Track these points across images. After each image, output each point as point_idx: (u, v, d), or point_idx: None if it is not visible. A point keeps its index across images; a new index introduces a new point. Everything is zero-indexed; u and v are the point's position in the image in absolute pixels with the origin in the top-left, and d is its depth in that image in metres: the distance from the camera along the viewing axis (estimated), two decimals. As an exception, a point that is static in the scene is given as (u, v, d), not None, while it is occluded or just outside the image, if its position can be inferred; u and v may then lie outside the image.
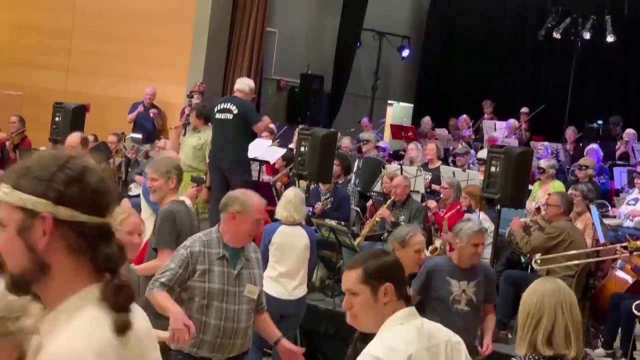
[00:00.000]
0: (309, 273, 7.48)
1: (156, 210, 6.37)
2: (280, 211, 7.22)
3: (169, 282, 4.71)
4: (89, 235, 1.88)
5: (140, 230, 4.52)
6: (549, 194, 9.08)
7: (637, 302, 7.27)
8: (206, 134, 10.34)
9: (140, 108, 13.95)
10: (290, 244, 7.14)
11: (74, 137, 8.39)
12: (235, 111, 9.80)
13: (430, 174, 11.07)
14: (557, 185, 10.19)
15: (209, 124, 10.33)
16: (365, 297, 3.13)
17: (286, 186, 10.53)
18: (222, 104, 10.00)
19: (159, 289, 4.70)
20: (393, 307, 3.14)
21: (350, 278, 3.18)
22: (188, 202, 6.37)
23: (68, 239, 1.87)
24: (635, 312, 7.23)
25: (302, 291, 7.17)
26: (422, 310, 5.44)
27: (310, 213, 9.04)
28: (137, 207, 7.84)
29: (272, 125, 11.71)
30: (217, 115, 9.92)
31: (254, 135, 12.40)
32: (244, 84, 10.17)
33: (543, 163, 10.60)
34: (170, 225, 5.52)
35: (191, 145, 10.24)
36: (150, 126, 13.93)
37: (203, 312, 4.75)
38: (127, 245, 6.55)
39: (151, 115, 13.92)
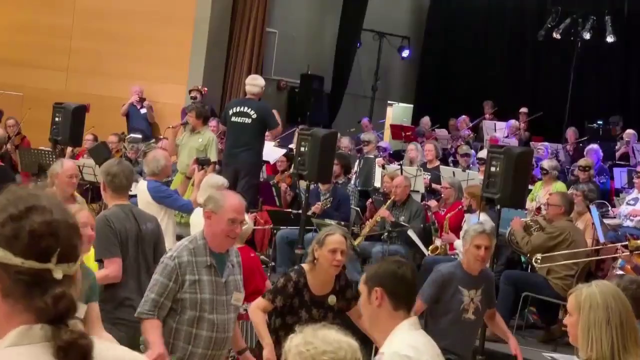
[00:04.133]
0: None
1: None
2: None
3: (160, 297, 4.49)
4: (21, 280, 1.70)
5: (91, 223, 4.44)
6: (550, 194, 9.08)
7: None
8: (207, 135, 10.32)
9: (135, 98, 14.07)
10: None
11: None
12: (254, 115, 9.84)
13: (429, 174, 11.08)
14: (559, 186, 10.17)
15: (208, 124, 10.33)
16: (364, 297, 3.42)
17: (290, 187, 10.54)
18: (239, 107, 10.01)
19: (149, 315, 4.50)
20: (389, 313, 3.33)
21: (361, 279, 3.50)
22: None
23: (2, 282, 1.71)
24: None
25: None
26: (421, 318, 5.40)
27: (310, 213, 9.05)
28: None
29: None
30: (234, 119, 9.94)
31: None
32: (254, 86, 10.13)
33: (546, 164, 10.59)
34: (106, 232, 5.15)
35: (193, 147, 10.20)
36: (144, 124, 13.97)
37: (194, 324, 4.55)
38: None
39: (145, 108, 14.01)
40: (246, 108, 9.91)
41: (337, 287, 5.27)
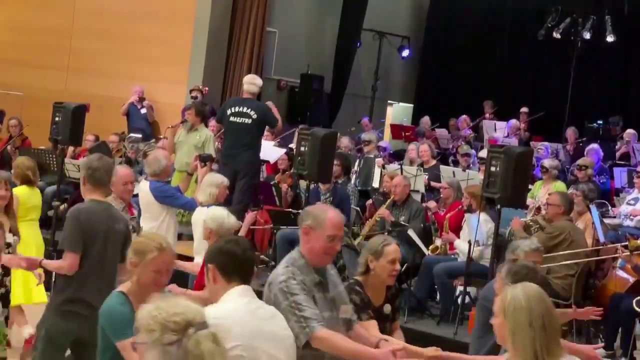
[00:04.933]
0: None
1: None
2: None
3: (312, 309, 4.08)
4: None
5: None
6: (549, 194, 9.08)
7: (638, 298, 7.28)
8: (204, 132, 10.35)
9: (134, 97, 14.07)
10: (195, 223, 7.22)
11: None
12: (255, 116, 9.82)
13: (427, 173, 11.08)
14: (559, 186, 10.17)
15: (208, 122, 10.36)
16: (206, 277, 3.69)
17: (291, 187, 10.54)
18: (237, 107, 9.96)
19: (319, 327, 4.02)
20: (224, 287, 3.57)
21: None
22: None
23: None
24: (636, 308, 7.23)
25: None
26: None
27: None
28: (137, 207, 7.86)
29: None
30: (232, 118, 9.90)
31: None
32: (252, 85, 10.11)
33: (547, 163, 10.59)
34: (73, 225, 5.11)
35: (192, 144, 10.22)
36: (144, 124, 13.98)
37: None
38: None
39: (145, 107, 14.01)
40: (246, 108, 9.88)
41: (389, 296, 5.23)
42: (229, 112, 9.95)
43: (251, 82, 10.17)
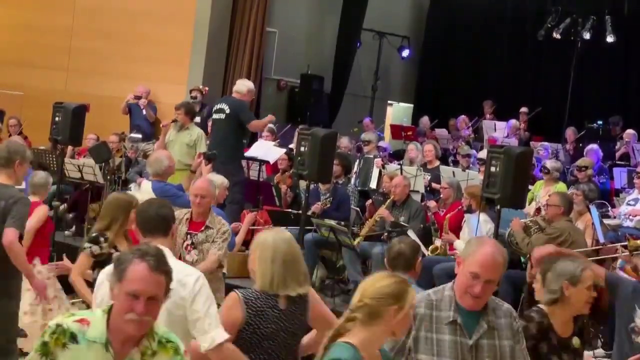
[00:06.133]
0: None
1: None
2: None
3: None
4: None
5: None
6: (549, 195, 9.07)
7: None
8: (195, 131, 10.41)
9: (130, 96, 14.05)
10: None
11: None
12: (228, 111, 9.99)
13: (429, 174, 11.08)
14: (561, 187, 10.16)
15: (194, 120, 10.57)
16: None
17: (290, 188, 10.54)
18: (218, 104, 10.26)
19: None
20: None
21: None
22: None
23: None
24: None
25: None
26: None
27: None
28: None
29: (271, 125, 11.73)
30: (214, 116, 10.22)
31: (253, 135, 12.44)
32: (242, 85, 10.31)
33: (549, 164, 10.58)
34: None
35: (183, 143, 10.26)
36: (145, 123, 13.97)
37: None
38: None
39: (141, 106, 13.99)
40: (223, 104, 10.16)
41: (577, 328, 4.66)
42: (213, 109, 10.25)
43: (240, 83, 10.48)
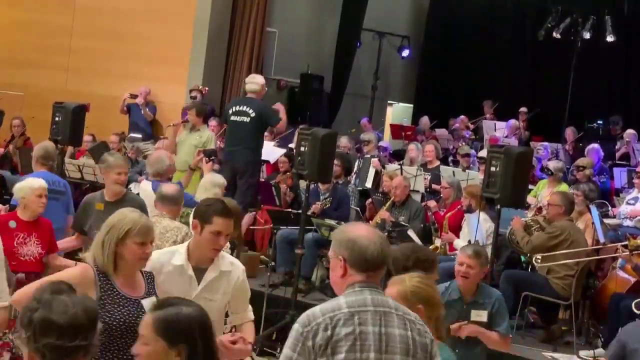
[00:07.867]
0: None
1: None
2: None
3: None
4: None
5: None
6: (551, 195, 9.08)
7: (637, 300, 7.28)
8: (206, 133, 10.33)
9: (127, 94, 14.02)
10: None
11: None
12: (253, 114, 9.76)
13: (429, 174, 11.08)
14: (563, 187, 10.15)
15: (207, 123, 10.34)
16: None
17: (290, 188, 10.54)
18: (238, 106, 9.94)
19: None
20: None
21: None
22: None
23: None
24: (635, 310, 7.23)
25: None
26: None
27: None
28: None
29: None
30: (233, 117, 9.87)
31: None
32: (254, 84, 10.03)
33: (552, 165, 10.58)
34: None
35: (192, 144, 10.20)
36: (145, 122, 13.96)
37: None
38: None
39: (139, 105, 13.99)
40: (245, 107, 9.86)
41: None
42: (230, 111, 9.96)
43: (251, 81, 10.11)
